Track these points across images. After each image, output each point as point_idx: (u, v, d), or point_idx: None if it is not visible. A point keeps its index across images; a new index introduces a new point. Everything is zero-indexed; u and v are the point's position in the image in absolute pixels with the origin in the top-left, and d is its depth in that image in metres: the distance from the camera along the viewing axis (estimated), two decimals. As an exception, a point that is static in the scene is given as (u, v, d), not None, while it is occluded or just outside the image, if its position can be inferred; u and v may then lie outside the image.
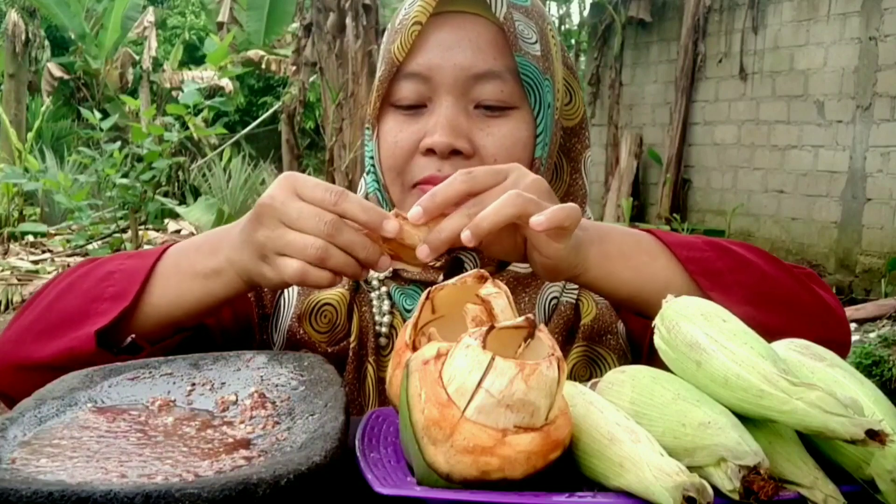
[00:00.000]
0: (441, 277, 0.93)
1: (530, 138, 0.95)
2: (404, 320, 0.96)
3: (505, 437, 0.56)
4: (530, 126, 0.95)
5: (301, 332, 0.97)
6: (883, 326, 5.10)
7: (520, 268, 0.97)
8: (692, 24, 7.97)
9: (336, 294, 0.97)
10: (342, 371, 0.95)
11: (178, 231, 9.98)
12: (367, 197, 1.03)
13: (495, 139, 0.93)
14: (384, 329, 0.98)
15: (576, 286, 0.99)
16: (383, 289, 0.99)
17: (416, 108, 0.94)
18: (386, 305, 0.98)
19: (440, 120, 0.91)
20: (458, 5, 0.94)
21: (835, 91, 6.79)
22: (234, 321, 0.98)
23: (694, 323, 0.62)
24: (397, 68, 0.94)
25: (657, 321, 0.66)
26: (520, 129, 0.94)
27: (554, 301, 0.98)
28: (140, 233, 8.33)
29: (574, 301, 0.99)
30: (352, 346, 0.96)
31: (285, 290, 0.99)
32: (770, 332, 0.64)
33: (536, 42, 0.95)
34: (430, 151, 0.92)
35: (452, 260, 0.96)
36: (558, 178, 1.03)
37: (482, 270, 0.74)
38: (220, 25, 10.83)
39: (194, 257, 0.85)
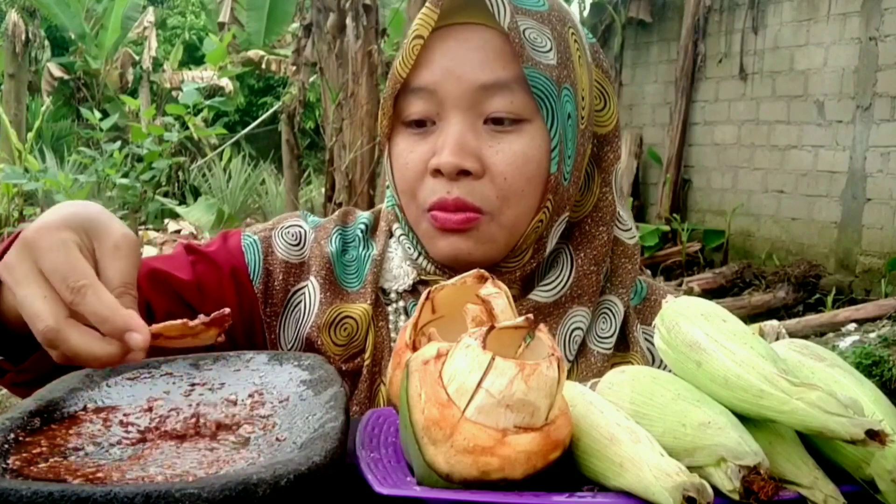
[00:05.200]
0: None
1: (545, 154, 0.89)
2: None
3: (505, 437, 0.56)
4: (544, 140, 0.89)
5: (319, 341, 0.95)
6: (883, 326, 5.11)
7: (540, 296, 0.94)
8: (692, 24, 7.97)
9: (359, 308, 0.95)
10: (355, 388, 0.94)
11: (178, 231, 9.98)
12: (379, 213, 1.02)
13: (505, 156, 0.88)
14: None
15: (610, 335, 0.95)
16: (401, 303, 0.97)
17: (426, 125, 0.91)
18: (402, 321, 0.96)
19: (447, 139, 0.88)
20: (462, 16, 0.90)
21: (835, 91, 6.80)
22: (239, 315, 0.96)
23: (694, 323, 0.62)
24: (402, 84, 0.91)
25: (657, 321, 0.66)
26: (532, 146, 0.89)
27: (577, 333, 0.94)
28: (140, 233, 8.33)
29: (608, 352, 0.95)
30: (366, 363, 0.94)
31: (305, 294, 0.97)
32: None
33: (551, 50, 0.89)
34: (438, 172, 0.88)
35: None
36: (588, 188, 0.97)
37: (482, 270, 0.74)
38: (222, 26, 10.83)
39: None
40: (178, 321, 0.67)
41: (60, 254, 0.64)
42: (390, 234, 1.00)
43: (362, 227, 1.02)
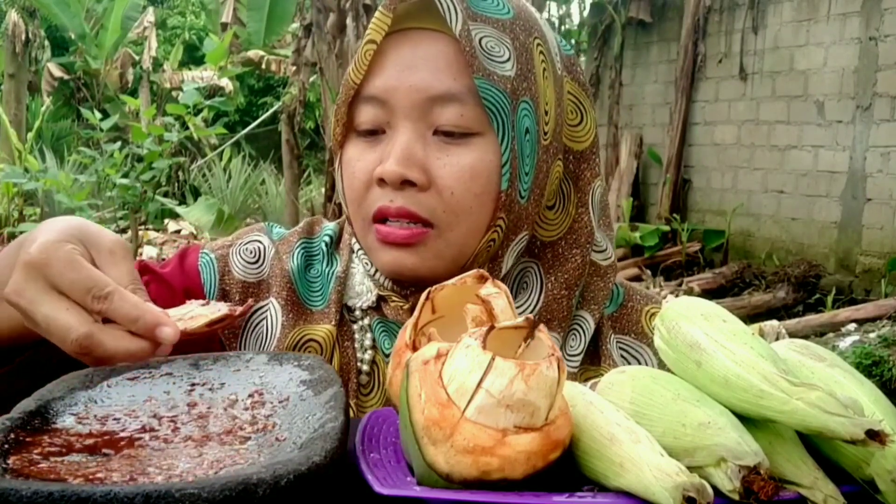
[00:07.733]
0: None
1: (495, 169, 0.85)
2: (386, 356, 0.92)
3: (505, 437, 0.56)
4: (496, 155, 0.85)
5: None
6: (883, 326, 5.11)
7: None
8: (692, 24, 7.98)
9: (323, 330, 0.92)
10: None
11: (178, 231, 9.98)
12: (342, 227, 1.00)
13: (452, 170, 0.85)
14: (365, 367, 0.93)
15: (579, 352, 0.92)
16: (366, 320, 0.94)
17: (376, 133, 0.88)
18: (368, 340, 0.93)
19: (393, 148, 0.85)
20: (417, 21, 0.87)
21: (835, 91, 6.80)
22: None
23: (694, 323, 0.62)
24: (356, 91, 0.88)
25: (657, 321, 0.66)
26: (482, 161, 0.85)
27: None
28: (140, 233, 8.33)
29: (574, 370, 0.91)
30: None
31: (267, 316, 0.95)
32: None
33: (509, 60, 0.85)
34: (382, 181, 0.86)
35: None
36: (563, 209, 0.94)
37: (482, 270, 0.74)
38: (224, 26, 10.83)
39: None
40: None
41: (75, 268, 0.66)
42: (353, 249, 0.98)
43: (326, 239, 0.99)
